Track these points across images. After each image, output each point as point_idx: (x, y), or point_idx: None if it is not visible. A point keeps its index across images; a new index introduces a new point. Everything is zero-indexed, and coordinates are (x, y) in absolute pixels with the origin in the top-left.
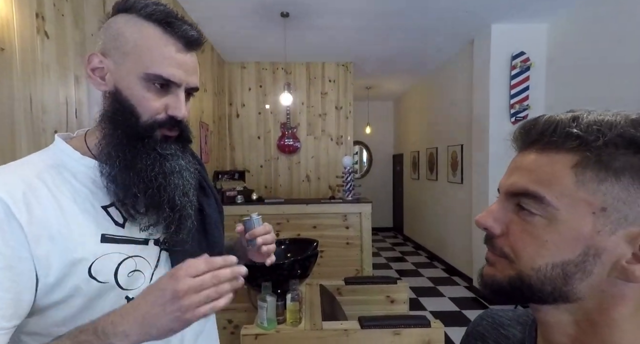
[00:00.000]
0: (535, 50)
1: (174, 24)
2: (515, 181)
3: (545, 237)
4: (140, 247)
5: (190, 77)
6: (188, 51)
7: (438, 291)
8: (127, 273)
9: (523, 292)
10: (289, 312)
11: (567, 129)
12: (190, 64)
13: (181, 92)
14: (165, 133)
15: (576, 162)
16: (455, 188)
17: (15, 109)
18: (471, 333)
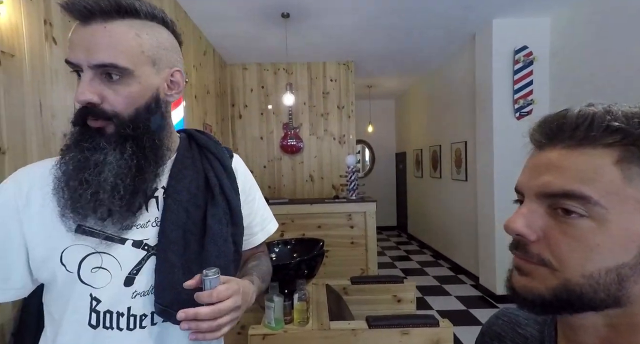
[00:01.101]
0: (538, 44)
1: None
2: (550, 181)
3: (596, 240)
4: (113, 245)
5: (90, 53)
6: (86, 24)
7: (444, 290)
8: (91, 268)
9: (572, 302)
10: (296, 312)
11: (606, 123)
12: (88, 39)
13: (85, 74)
14: (94, 124)
15: (619, 157)
16: (460, 185)
17: (26, 114)
18: (487, 332)
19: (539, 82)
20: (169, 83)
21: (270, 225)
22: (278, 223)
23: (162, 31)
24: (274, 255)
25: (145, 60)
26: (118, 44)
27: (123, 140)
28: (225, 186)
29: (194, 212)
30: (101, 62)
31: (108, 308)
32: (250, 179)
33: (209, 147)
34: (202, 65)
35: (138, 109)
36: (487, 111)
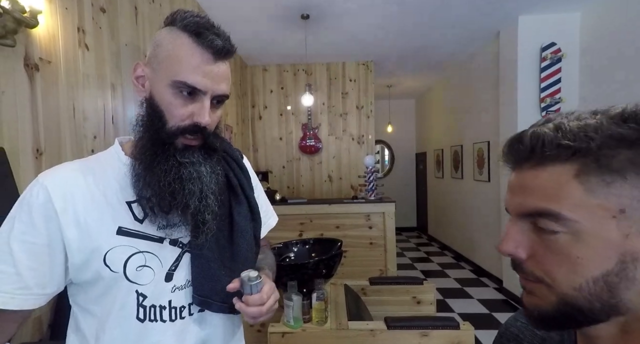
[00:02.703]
0: (567, 40)
1: (204, 34)
2: (522, 202)
3: (576, 253)
4: (153, 245)
5: (217, 85)
6: (216, 60)
7: (466, 293)
8: (136, 267)
9: (575, 317)
10: (314, 311)
11: (556, 141)
12: (217, 73)
13: (206, 100)
14: (186, 142)
15: (577, 171)
16: (482, 186)
17: (60, 117)
18: (504, 334)
19: (568, 80)
20: None
21: (271, 219)
22: (296, 223)
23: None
24: (292, 254)
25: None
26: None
27: (210, 153)
28: (244, 185)
29: (221, 211)
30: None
31: (152, 303)
32: (255, 177)
33: (226, 149)
34: None
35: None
36: (512, 110)
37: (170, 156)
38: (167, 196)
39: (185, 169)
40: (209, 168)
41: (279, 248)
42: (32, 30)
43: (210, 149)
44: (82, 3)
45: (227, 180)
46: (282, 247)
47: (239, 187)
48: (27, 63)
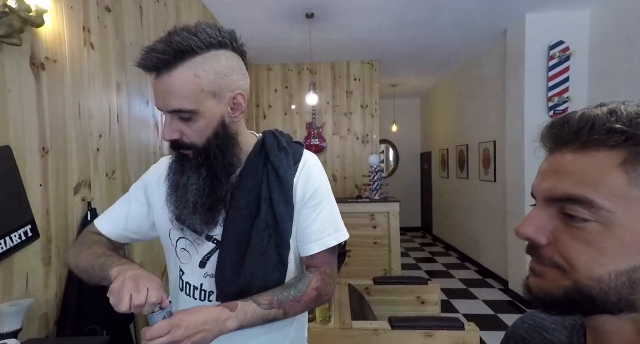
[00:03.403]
0: (576, 38)
1: (141, 56)
2: (554, 186)
3: (603, 244)
4: (194, 235)
5: (164, 101)
6: (157, 77)
7: (471, 293)
8: (180, 248)
9: (583, 304)
10: (318, 310)
11: (608, 125)
12: (160, 90)
13: (166, 117)
14: (182, 152)
15: (624, 159)
16: (488, 186)
17: (66, 115)
18: (511, 336)
19: (576, 78)
20: (232, 106)
21: (330, 238)
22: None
23: (220, 57)
24: None
25: (206, 96)
26: (181, 90)
27: (199, 165)
28: (274, 198)
29: (247, 219)
30: (172, 108)
31: (188, 281)
32: (315, 185)
33: (269, 155)
34: None
35: (208, 138)
36: (519, 109)
37: (173, 166)
38: (169, 197)
39: (176, 178)
40: (193, 180)
41: None
42: (38, 29)
43: (200, 163)
44: (87, 2)
45: (260, 192)
46: None
47: (266, 201)
48: (33, 62)
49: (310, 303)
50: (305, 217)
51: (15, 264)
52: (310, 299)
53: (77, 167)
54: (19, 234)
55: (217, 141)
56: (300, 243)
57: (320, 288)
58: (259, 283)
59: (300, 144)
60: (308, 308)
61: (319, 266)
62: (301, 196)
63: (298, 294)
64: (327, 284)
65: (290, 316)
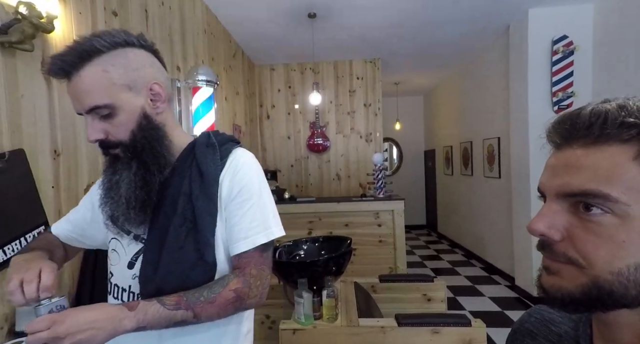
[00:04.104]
0: (580, 33)
1: (46, 64)
2: (568, 181)
3: (621, 237)
4: (123, 235)
5: (79, 102)
6: (69, 82)
7: (477, 291)
8: (111, 249)
9: (602, 300)
10: (325, 308)
11: (621, 119)
12: (74, 91)
13: (87, 119)
14: (112, 153)
15: (637, 152)
16: (493, 183)
17: (76, 119)
18: (518, 330)
19: (580, 73)
20: (152, 97)
21: (258, 236)
22: (305, 221)
23: (128, 53)
24: (302, 252)
25: (120, 89)
26: (92, 87)
27: (129, 161)
28: (194, 193)
29: (170, 216)
30: (88, 107)
31: (116, 283)
32: (244, 180)
33: (196, 151)
34: (231, 68)
35: (133, 131)
36: (523, 105)
37: (105, 167)
38: (102, 201)
39: (107, 178)
40: (125, 177)
41: (288, 246)
42: (48, 35)
43: (130, 158)
44: (95, 7)
45: (181, 188)
46: (292, 245)
47: (185, 196)
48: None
49: (227, 306)
50: (233, 214)
51: None
52: (226, 301)
53: (87, 169)
54: (32, 235)
55: (143, 132)
56: (230, 242)
57: (240, 289)
58: (175, 281)
59: (236, 142)
60: (226, 311)
61: (244, 267)
62: (228, 193)
63: (211, 295)
64: (251, 286)
65: (204, 319)
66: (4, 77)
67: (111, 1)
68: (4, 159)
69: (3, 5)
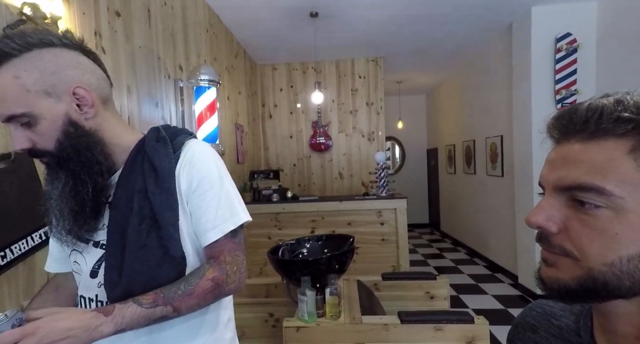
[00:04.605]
0: (583, 30)
1: None
2: (565, 175)
3: (615, 229)
4: (82, 244)
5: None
6: None
7: (480, 289)
8: (72, 261)
9: (597, 291)
10: (328, 306)
11: (616, 114)
12: None
13: (9, 128)
14: (43, 160)
15: (632, 146)
16: (496, 181)
17: None
18: (520, 324)
19: (584, 71)
20: (77, 102)
21: (227, 223)
22: (308, 220)
23: (44, 55)
24: (305, 250)
25: (36, 96)
26: (4, 95)
27: (58, 170)
28: (149, 189)
29: (127, 217)
30: (5, 116)
31: (82, 294)
32: (202, 170)
33: (146, 147)
34: (233, 67)
35: (58, 139)
36: (526, 103)
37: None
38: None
39: (45, 189)
40: (58, 186)
41: (291, 245)
42: None
43: (60, 169)
44: (98, 8)
45: (134, 187)
46: (295, 243)
47: (140, 193)
48: None
49: (206, 295)
50: (197, 206)
51: (36, 263)
52: (204, 291)
53: None
54: (39, 235)
55: (70, 140)
56: (199, 234)
57: (218, 277)
58: (142, 280)
59: (188, 133)
60: (206, 301)
61: (218, 255)
62: (187, 185)
63: (189, 287)
64: (228, 273)
65: (185, 312)
66: None
67: (114, 1)
68: (10, 160)
69: (8, 6)
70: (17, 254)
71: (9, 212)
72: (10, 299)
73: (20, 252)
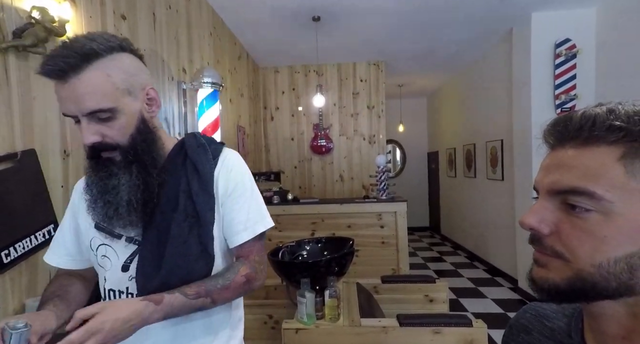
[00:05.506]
0: (583, 36)
1: (42, 62)
2: (558, 179)
3: (603, 232)
4: (113, 240)
5: (76, 105)
6: (63, 83)
7: (480, 292)
8: (101, 255)
9: (586, 292)
10: (327, 308)
11: (608, 122)
12: (69, 94)
13: (82, 121)
14: (105, 156)
15: (622, 153)
16: (496, 185)
17: None
18: (514, 326)
19: (583, 76)
20: (147, 102)
21: (257, 226)
22: (308, 222)
23: (124, 58)
24: (305, 252)
25: (122, 93)
26: (96, 90)
27: (129, 164)
28: (193, 190)
29: (167, 215)
30: (90, 110)
31: (111, 287)
32: (238, 177)
33: (189, 152)
34: (236, 70)
35: (132, 135)
36: (526, 108)
37: (95, 172)
38: (94, 205)
39: (103, 182)
40: (125, 180)
41: (291, 247)
42: (60, 38)
43: (129, 161)
44: (104, 11)
45: (179, 186)
46: (295, 245)
47: (184, 193)
48: None
49: (239, 289)
50: (231, 209)
51: (39, 262)
52: (238, 285)
53: None
54: (42, 233)
55: (141, 136)
56: (229, 235)
57: (250, 274)
58: (181, 273)
59: (221, 143)
60: (238, 295)
61: (247, 255)
62: (224, 189)
63: (226, 282)
64: (257, 271)
65: (219, 303)
66: (17, 80)
67: (120, 5)
68: (17, 159)
69: (17, 10)
70: (21, 252)
71: (14, 211)
72: (13, 297)
73: (23, 250)
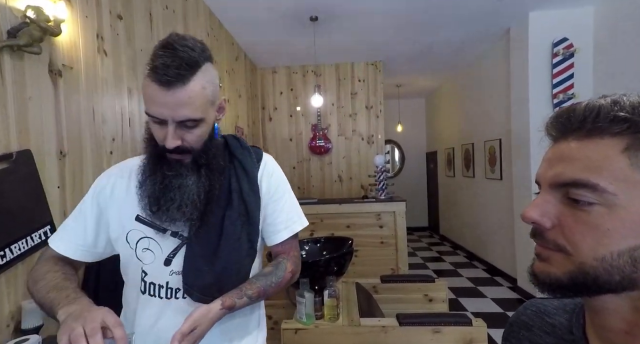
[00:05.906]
0: (580, 35)
1: (156, 69)
2: (561, 172)
3: (606, 225)
4: (158, 233)
5: (174, 112)
6: (167, 90)
7: (479, 292)
8: (142, 248)
9: (588, 285)
10: (326, 308)
11: (612, 113)
12: (171, 101)
13: (170, 126)
14: (175, 157)
15: (627, 145)
16: (494, 184)
17: (82, 120)
18: (515, 322)
19: (581, 75)
20: (218, 109)
21: (295, 225)
22: (307, 222)
23: (210, 69)
24: (304, 252)
25: (210, 104)
26: (194, 101)
27: (198, 167)
28: (244, 190)
29: (217, 213)
30: (184, 118)
31: (152, 281)
32: (278, 180)
33: (235, 153)
34: (234, 71)
35: (205, 141)
36: (524, 107)
37: (159, 169)
38: (154, 201)
39: (169, 180)
40: (192, 181)
41: None
42: (55, 38)
43: (199, 164)
44: (100, 11)
45: (229, 185)
46: None
47: (236, 192)
48: (52, 69)
49: (286, 285)
50: (272, 209)
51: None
52: (286, 281)
53: (91, 170)
54: (39, 234)
55: (212, 142)
56: (270, 233)
57: (294, 270)
58: (234, 269)
59: (258, 147)
60: (283, 289)
61: (288, 251)
62: (266, 190)
63: (279, 280)
64: (297, 265)
65: (269, 296)
66: (12, 80)
67: (116, 5)
68: (12, 160)
69: (12, 9)
70: (17, 254)
71: (9, 212)
72: (9, 299)
73: (19, 252)
